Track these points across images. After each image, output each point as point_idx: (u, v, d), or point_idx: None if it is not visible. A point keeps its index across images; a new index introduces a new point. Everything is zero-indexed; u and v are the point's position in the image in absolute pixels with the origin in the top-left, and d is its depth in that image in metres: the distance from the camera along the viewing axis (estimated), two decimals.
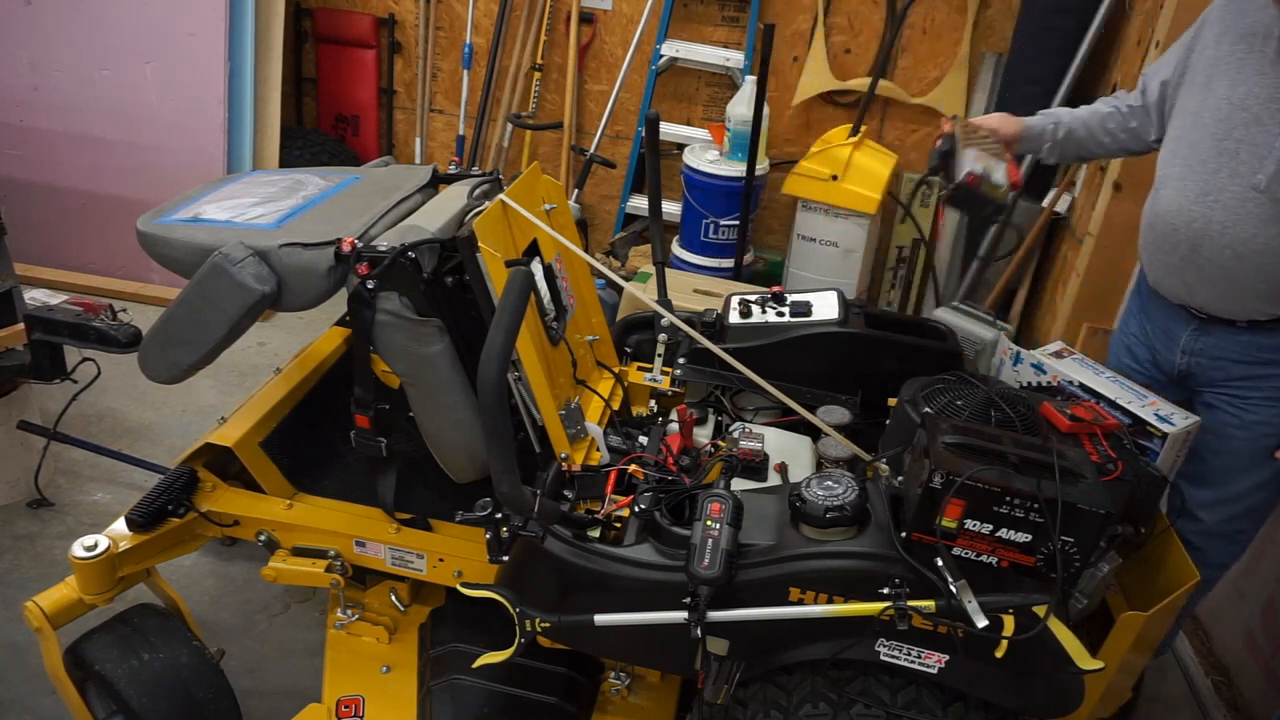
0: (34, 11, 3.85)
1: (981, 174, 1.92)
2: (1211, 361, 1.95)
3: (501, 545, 1.66)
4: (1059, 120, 2.13)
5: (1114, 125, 2.10)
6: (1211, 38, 1.88)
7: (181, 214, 1.94)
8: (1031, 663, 1.43)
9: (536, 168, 2.13)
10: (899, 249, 4.38)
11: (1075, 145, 2.15)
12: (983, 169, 1.93)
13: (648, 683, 2.02)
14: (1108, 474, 1.56)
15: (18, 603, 1.97)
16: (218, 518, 2.04)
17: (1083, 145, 2.15)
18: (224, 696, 1.93)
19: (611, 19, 4.36)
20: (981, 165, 1.94)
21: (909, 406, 1.70)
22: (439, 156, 4.80)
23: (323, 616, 2.45)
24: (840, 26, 4.15)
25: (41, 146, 3.99)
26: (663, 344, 2.27)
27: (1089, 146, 2.15)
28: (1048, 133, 2.13)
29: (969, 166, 1.93)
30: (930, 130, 4.22)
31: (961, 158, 1.95)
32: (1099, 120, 2.12)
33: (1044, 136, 2.13)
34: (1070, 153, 2.18)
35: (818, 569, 1.47)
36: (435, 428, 1.89)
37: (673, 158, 4.30)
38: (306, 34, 4.71)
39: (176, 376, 1.87)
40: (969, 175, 1.92)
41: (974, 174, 1.92)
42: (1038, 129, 2.13)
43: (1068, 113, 2.15)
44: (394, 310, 1.75)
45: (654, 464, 1.86)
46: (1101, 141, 2.13)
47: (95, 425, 3.15)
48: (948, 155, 1.98)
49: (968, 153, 1.96)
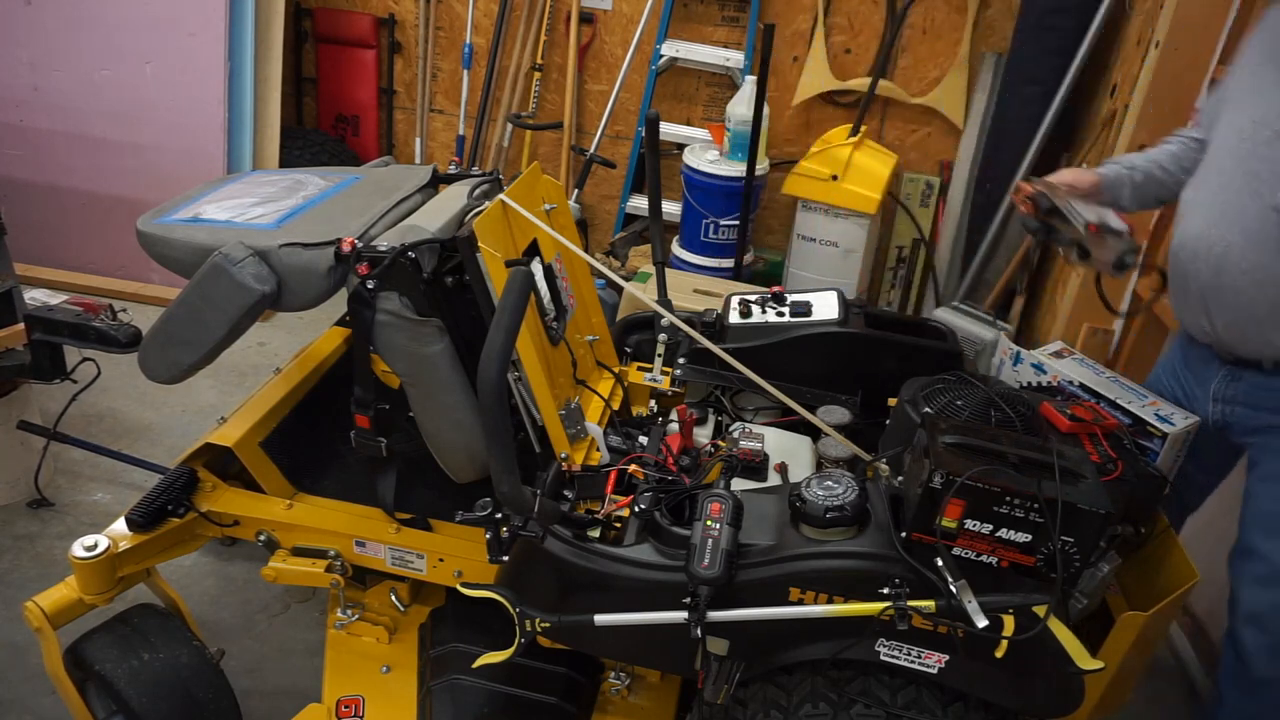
0: (34, 11, 3.85)
1: (1100, 222, 1.77)
2: (1249, 411, 1.86)
3: (501, 545, 1.66)
4: (1134, 165, 2.03)
5: (1190, 163, 1.97)
6: (1246, 61, 1.86)
7: (181, 214, 1.94)
8: (1031, 663, 1.43)
9: (536, 168, 2.13)
10: (899, 249, 4.38)
11: (1156, 187, 2.03)
12: (1098, 217, 1.78)
13: (648, 683, 2.02)
14: (1108, 474, 1.56)
15: (18, 603, 1.97)
16: (218, 518, 2.04)
17: (1164, 186, 2.03)
18: (224, 696, 1.93)
19: (611, 19, 4.36)
20: (1095, 213, 1.79)
21: (909, 406, 1.70)
22: (439, 156, 4.80)
23: (323, 616, 2.45)
24: (840, 26, 4.15)
25: (41, 146, 3.99)
26: (663, 344, 2.27)
27: (1171, 187, 2.02)
28: (1125, 179, 2.02)
29: (1087, 216, 1.77)
30: (930, 130, 4.23)
31: (1072, 210, 1.81)
32: (1173, 159, 2.02)
33: (1122, 184, 2.01)
34: (1151, 196, 2.06)
35: (818, 569, 1.47)
36: (435, 428, 1.89)
37: (673, 158, 4.30)
38: (306, 34, 4.71)
39: (176, 376, 1.87)
40: (1090, 225, 1.76)
41: (1094, 224, 1.76)
42: (1114, 177, 2.01)
43: (1141, 157, 2.06)
44: (394, 310, 1.75)
45: (654, 464, 1.86)
46: (1183, 181, 1.98)
47: (95, 425, 3.15)
48: (1053, 212, 1.86)
49: (1075, 203, 1.82)
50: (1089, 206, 1.83)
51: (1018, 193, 1.97)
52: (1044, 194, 1.89)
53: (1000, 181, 3.89)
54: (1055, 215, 1.87)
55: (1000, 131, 3.91)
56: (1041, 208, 1.89)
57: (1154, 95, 2.99)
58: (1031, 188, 1.93)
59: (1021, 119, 3.77)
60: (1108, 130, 3.39)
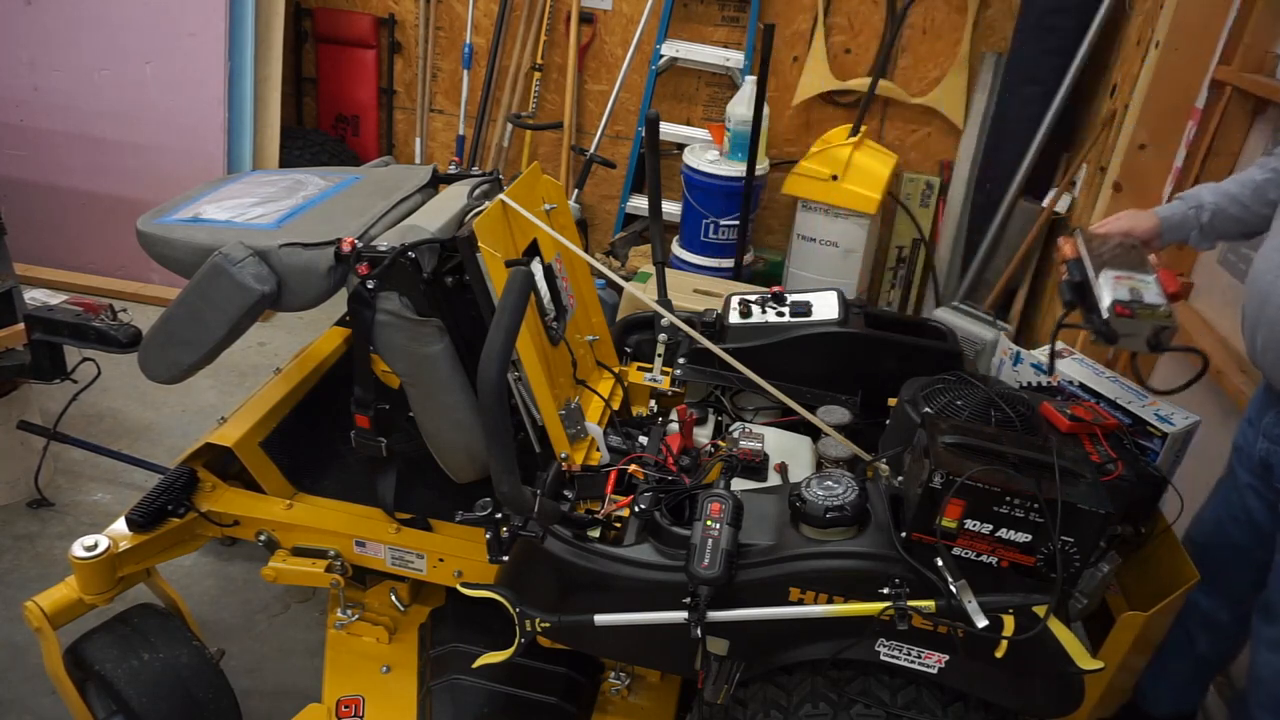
0: (34, 11, 3.85)
1: (1130, 300, 1.56)
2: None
3: (501, 545, 1.66)
4: (1201, 203, 1.82)
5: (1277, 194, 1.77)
6: None
7: (181, 214, 1.94)
8: (1031, 663, 1.43)
9: (536, 168, 2.13)
10: (899, 249, 4.38)
11: (1231, 224, 1.83)
12: (1129, 294, 1.57)
13: (648, 683, 2.02)
14: (1108, 474, 1.56)
15: (18, 603, 1.97)
16: (218, 518, 2.04)
17: (1242, 223, 1.82)
18: (224, 696, 1.92)
19: (611, 19, 4.36)
20: (1127, 289, 1.58)
21: (909, 406, 1.70)
22: (439, 156, 4.80)
23: (323, 616, 2.45)
24: (840, 26, 4.15)
25: (42, 146, 3.99)
26: (663, 344, 2.27)
27: (1250, 223, 1.82)
28: (1190, 220, 1.82)
29: (1112, 295, 1.57)
30: (930, 130, 4.23)
31: (1099, 286, 1.61)
32: (1254, 191, 1.79)
33: (1187, 225, 1.83)
34: (1228, 233, 1.86)
35: (818, 569, 1.47)
36: (435, 428, 1.88)
37: (673, 158, 4.30)
38: (306, 34, 4.71)
39: (176, 376, 1.87)
40: (1117, 306, 1.56)
41: (1121, 303, 1.56)
42: (1177, 218, 1.82)
43: (1210, 190, 1.85)
44: (394, 310, 1.75)
45: (654, 464, 1.86)
46: (1264, 215, 1.78)
47: (95, 425, 3.15)
48: (1081, 287, 1.65)
49: (1105, 277, 1.62)
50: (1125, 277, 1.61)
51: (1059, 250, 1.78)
52: (1078, 263, 1.69)
53: (1000, 181, 3.89)
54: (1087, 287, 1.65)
55: (1000, 131, 3.91)
56: (1073, 278, 1.69)
57: (1154, 95, 2.99)
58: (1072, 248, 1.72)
59: (1021, 119, 3.77)
60: (1108, 130, 3.39)
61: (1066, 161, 3.83)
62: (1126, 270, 1.63)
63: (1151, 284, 1.60)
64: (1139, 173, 3.09)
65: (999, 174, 3.89)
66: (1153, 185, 3.09)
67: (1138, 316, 1.54)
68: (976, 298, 3.96)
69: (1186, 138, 2.96)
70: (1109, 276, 1.62)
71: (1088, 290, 1.64)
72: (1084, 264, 1.68)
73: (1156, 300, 1.57)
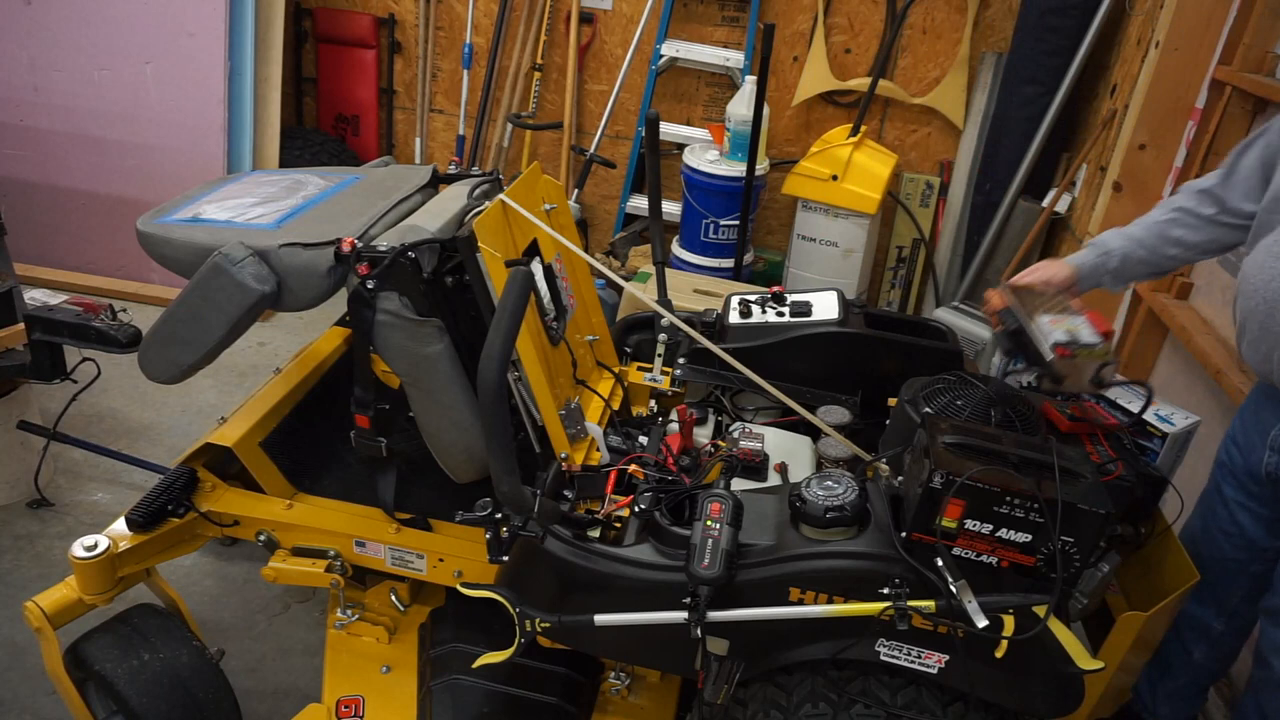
0: (34, 11, 3.85)
1: (1068, 341, 1.61)
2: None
3: (501, 545, 1.66)
4: (1109, 250, 1.89)
5: (1181, 232, 1.82)
6: None
7: (181, 214, 1.94)
8: (1031, 663, 1.43)
9: (536, 168, 2.13)
10: (899, 249, 4.38)
11: (1139, 266, 1.88)
12: (1066, 335, 1.62)
13: (648, 683, 2.02)
14: (1108, 474, 1.56)
15: (18, 603, 1.97)
16: (218, 518, 2.04)
17: (1149, 264, 1.88)
18: (224, 696, 1.92)
19: (611, 19, 4.36)
20: (1063, 331, 1.63)
21: (909, 406, 1.70)
22: (439, 156, 4.80)
23: (323, 616, 2.45)
24: (840, 26, 4.15)
25: (42, 146, 3.99)
26: (663, 344, 2.27)
27: (1158, 264, 1.88)
28: (1100, 266, 1.89)
29: (1052, 337, 1.62)
30: (930, 130, 4.23)
31: (1036, 331, 1.66)
32: (1157, 234, 1.85)
33: (1099, 271, 1.89)
34: (1138, 275, 1.92)
35: (818, 569, 1.47)
36: (435, 428, 1.88)
37: (673, 158, 4.30)
38: (306, 34, 4.71)
39: (176, 376, 1.87)
40: (1057, 348, 1.60)
41: (1061, 345, 1.60)
42: (1089, 266, 1.89)
43: (1116, 235, 1.90)
44: (394, 310, 1.75)
45: (654, 464, 1.86)
46: (1170, 255, 1.85)
47: (95, 425, 3.15)
48: (1019, 334, 1.70)
49: (1041, 322, 1.67)
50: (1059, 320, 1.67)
51: (987, 304, 1.83)
52: (1010, 312, 1.76)
53: (1000, 181, 3.89)
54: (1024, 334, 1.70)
55: (1000, 131, 3.91)
56: (1008, 326, 1.74)
57: (1154, 95, 2.99)
58: (1001, 299, 1.79)
59: (1021, 119, 3.78)
60: (1108, 130, 3.39)
61: (1066, 161, 3.84)
62: (1057, 315, 1.69)
63: (1083, 325, 1.65)
64: (1139, 172, 3.09)
65: (999, 174, 3.89)
66: (1153, 185, 3.10)
67: (1078, 356, 1.59)
68: (976, 298, 3.97)
69: (1186, 138, 2.96)
70: (1043, 322, 1.67)
71: (1025, 337, 1.69)
72: (1016, 313, 1.74)
73: (1093, 339, 1.61)
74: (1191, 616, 1.94)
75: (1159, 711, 2.04)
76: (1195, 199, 1.83)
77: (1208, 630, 1.93)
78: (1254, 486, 1.79)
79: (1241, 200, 1.77)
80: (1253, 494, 1.80)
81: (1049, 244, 3.84)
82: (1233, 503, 1.83)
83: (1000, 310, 1.78)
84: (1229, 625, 1.92)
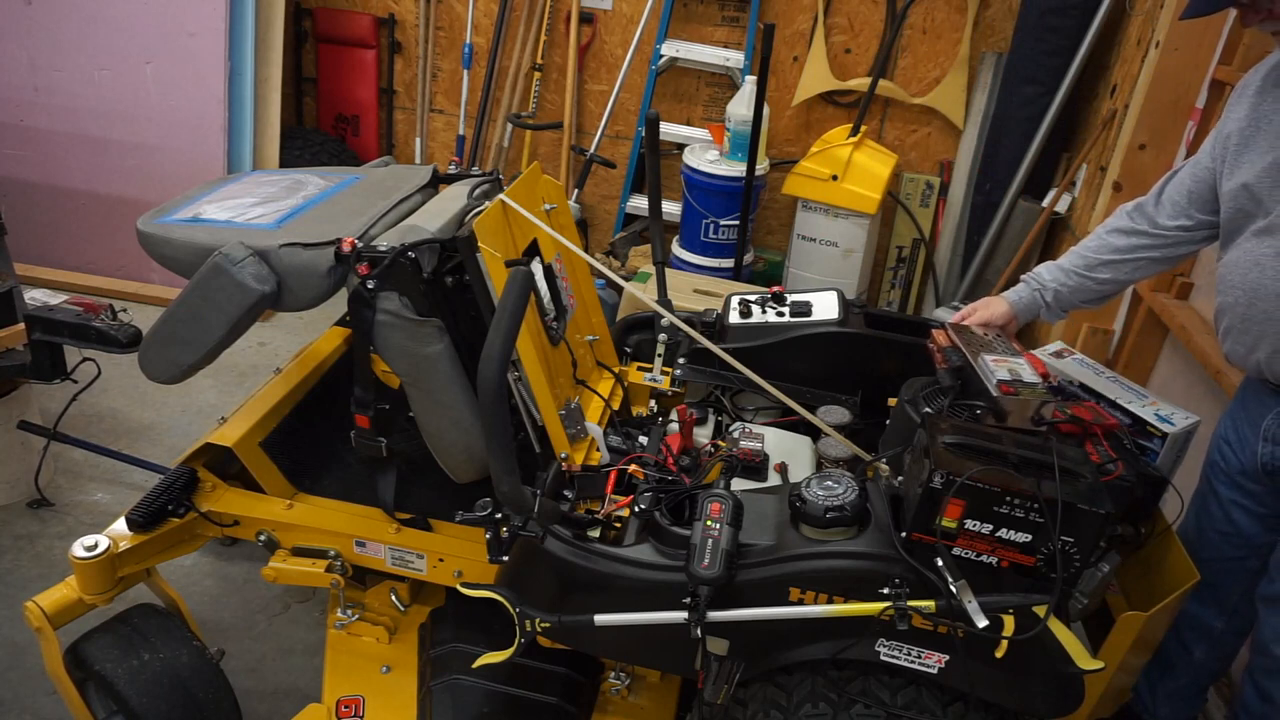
0: (34, 11, 3.85)
1: (1011, 380, 1.66)
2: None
3: (501, 545, 1.66)
4: (1043, 283, 1.96)
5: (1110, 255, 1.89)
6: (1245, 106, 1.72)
7: (181, 214, 1.94)
8: (1031, 663, 1.43)
9: (536, 168, 2.13)
10: (899, 249, 4.38)
11: (1075, 295, 1.95)
12: (1009, 374, 1.67)
13: (648, 683, 2.02)
14: (1108, 474, 1.56)
15: (18, 603, 1.97)
16: (218, 518, 2.04)
17: (1083, 291, 1.95)
18: (224, 696, 1.93)
19: (611, 19, 4.36)
20: (1006, 370, 1.69)
21: (909, 406, 1.70)
22: (439, 156, 4.80)
23: (323, 616, 2.45)
24: (840, 26, 4.15)
25: (42, 146, 3.99)
26: (663, 344, 2.27)
27: (1093, 289, 1.94)
28: (1036, 300, 1.96)
29: (997, 375, 1.67)
30: (930, 130, 4.23)
31: (982, 369, 1.71)
32: (1085, 262, 1.92)
33: (1035, 305, 1.97)
34: (1073, 304, 1.98)
35: (818, 569, 1.47)
36: (435, 428, 1.88)
37: (673, 158, 4.30)
38: (306, 34, 4.71)
39: (176, 376, 1.87)
40: (1001, 386, 1.65)
41: (1005, 383, 1.65)
42: (1025, 301, 1.96)
43: (1048, 269, 1.98)
44: (394, 310, 1.75)
45: (654, 464, 1.86)
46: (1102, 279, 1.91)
47: (95, 425, 3.15)
48: (961, 371, 1.76)
49: (984, 361, 1.73)
50: (1003, 360, 1.73)
51: (933, 342, 1.88)
52: (955, 350, 1.81)
53: (1000, 181, 3.89)
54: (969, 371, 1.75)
55: (1000, 131, 3.91)
56: (953, 363, 1.79)
57: (1154, 95, 2.99)
58: (945, 338, 1.84)
59: (1021, 119, 3.78)
60: (1108, 130, 3.39)
61: (1066, 161, 3.84)
62: (1000, 355, 1.77)
63: (1024, 365, 1.72)
64: (1139, 172, 3.09)
65: (999, 174, 3.89)
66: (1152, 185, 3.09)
67: (1020, 394, 1.65)
68: (976, 298, 3.96)
69: (1186, 138, 2.96)
70: (987, 360, 1.74)
71: (970, 374, 1.75)
72: (961, 351, 1.80)
73: (1033, 379, 1.68)
74: (1192, 616, 1.94)
75: (1159, 711, 2.04)
76: (1127, 217, 1.92)
77: (1208, 629, 1.93)
78: (1249, 483, 1.80)
79: (1169, 218, 1.85)
80: (1248, 491, 1.81)
81: (1049, 244, 3.84)
82: (1227, 502, 1.84)
83: (945, 348, 1.84)
84: (1229, 624, 1.92)
